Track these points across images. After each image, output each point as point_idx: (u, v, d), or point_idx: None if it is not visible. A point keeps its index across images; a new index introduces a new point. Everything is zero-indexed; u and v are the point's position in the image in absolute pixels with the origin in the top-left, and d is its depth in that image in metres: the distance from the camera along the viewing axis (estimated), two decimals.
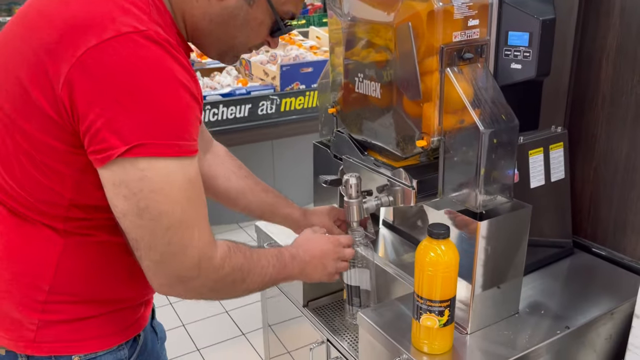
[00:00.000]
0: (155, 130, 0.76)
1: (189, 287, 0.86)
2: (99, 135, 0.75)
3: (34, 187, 0.85)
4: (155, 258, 0.82)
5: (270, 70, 2.86)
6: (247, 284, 0.95)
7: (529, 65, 1.01)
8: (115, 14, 0.76)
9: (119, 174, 0.77)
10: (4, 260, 0.90)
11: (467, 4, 0.99)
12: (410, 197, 1.15)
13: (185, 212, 0.81)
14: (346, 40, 1.20)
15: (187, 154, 0.79)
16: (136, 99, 0.74)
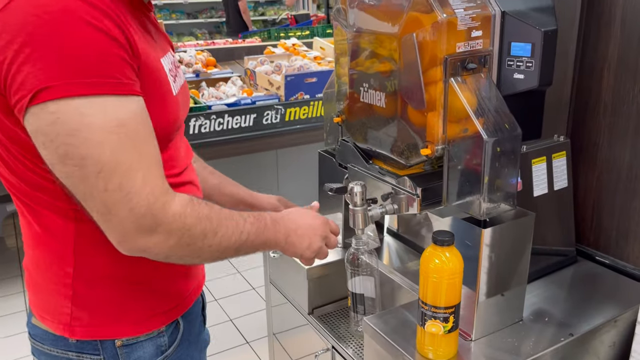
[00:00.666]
0: (59, 71, 0.73)
1: (153, 241, 0.80)
2: (11, 86, 0.74)
3: (26, 176, 0.86)
4: (99, 209, 0.77)
5: (275, 81, 2.89)
6: (220, 238, 0.88)
7: (532, 75, 1.03)
8: None
9: (34, 122, 0.75)
10: (36, 249, 0.94)
11: (470, 16, 1.01)
12: (414, 205, 1.16)
13: (116, 154, 0.76)
14: (351, 51, 1.22)
15: (105, 91, 0.75)
16: (35, 44, 0.72)
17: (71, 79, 0.73)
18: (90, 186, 0.76)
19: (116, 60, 0.77)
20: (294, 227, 1.04)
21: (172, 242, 0.82)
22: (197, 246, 0.86)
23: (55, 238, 0.91)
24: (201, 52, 3.56)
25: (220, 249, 0.89)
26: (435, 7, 0.98)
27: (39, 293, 0.97)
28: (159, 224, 0.80)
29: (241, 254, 0.95)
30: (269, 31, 4.64)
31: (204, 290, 1.16)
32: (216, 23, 8.47)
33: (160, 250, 0.82)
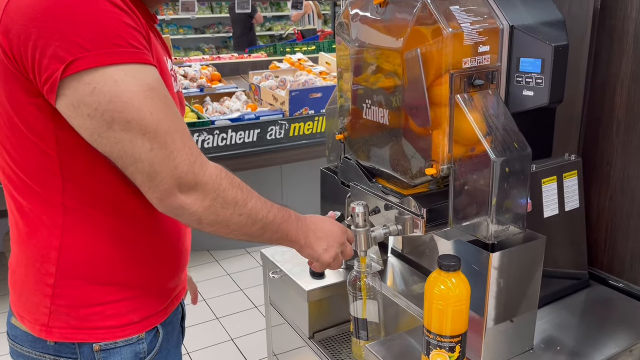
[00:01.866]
0: (87, 42, 0.76)
1: (191, 198, 0.84)
2: (40, 65, 0.77)
3: (27, 158, 0.87)
4: (145, 169, 0.81)
5: (280, 96, 2.86)
6: (250, 209, 0.91)
7: (542, 93, 0.98)
8: None
9: (72, 95, 0.78)
10: (21, 246, 0.95)
11: (477, 30, 0.97)
12: (419, 227, 1.11)
13: (155, 116, 0.80)
14: (354, 66, 1.19)
15: (132, 60, 0.79)
16: (57, 19, 0.76)
17: (99, 49, 0.76)
18: (138, 148, 0.80)
19: (136, 33, 0.81)
20: (314, 228, 1.05)
21: (208, 202, 0.86)
22: (229, 212, 0.89)
23: (41, 236, 0.91)
24: (206, 67, 3.56)
25: (249, 221, 0.92)
26: (440, 21, 0.94)
27: (20, 292, 0.96)
28: (198, 182, 0.84)
29: (265, 237, 0.97)
30: (275, 46, 4.64)
31: (206, 308, 1.14)
32: (223, 38, 8.52)
33: (197, 209, 0.85)
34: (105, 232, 0.92)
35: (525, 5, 1.03)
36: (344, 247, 1.09)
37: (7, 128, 0.86)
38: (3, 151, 0.89)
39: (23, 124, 0.85)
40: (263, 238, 0.97)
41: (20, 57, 0.79)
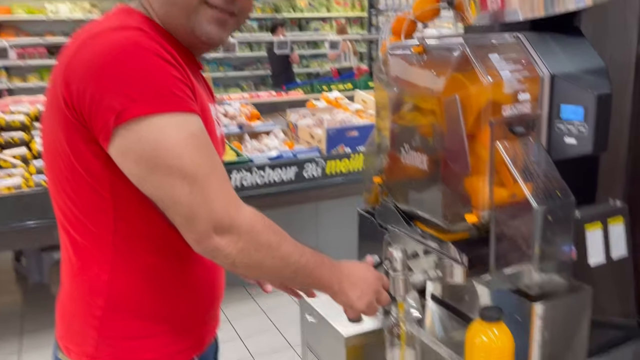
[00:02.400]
0: (136, 93, 0.83)
1: (225, 240, 0.87)
2: (96, 116, 0.85)
3: (84, 198, 0.94)
4: (184, 211, 0.87)
5: (317, 134, 2.91)
6: (283, 252, 0.94)
7: (585, 141, 0.97)
8: (100, 27, 0.91)
9: (121, 143, 0.85)
10: (73, 279, 1.01)
11: (517, 78, 0.97)
12: (459, 274, 1.10)
13: (195, 162, 0.86)
14: (392, 110, 1.20)
15: (175, 108, 0.85)
16: (112, 72, 0.84)
17: (145, 100, 0.84)
18: (177, 191, 0.86)
19: (180, 84, 0.88)
20: (347, 273, 1.06)
21: (241, 245, 0.89)
22: (262, 255, 0.92)
23: (92, 271, 0.97)
24: (245, 105, 3.65)
25: (281, 264, 0.94)
26: (479, 70, 0.95)
27: (68, 324, 1.01)
28: (233, 225, 0.88)
29: (297, 281, 1.00)
30: (312, 84, 4.73)
31: (242, 346, 1.18)
32: (262, 75, 8.74)
33: (231, 251, 0.89)
34: (148, 269, 0.98)
35: (565, 53, 1.03)
36: (379, 294, 1.09)
37: (67, 171, 0.93)
38: (62, 191, 0.96)
39: (82, 168, 0.92)
40: (295, 282, 1.00)
41: (80, 108, 0.86)
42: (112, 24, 0.90)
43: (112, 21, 0.92)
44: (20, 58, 6.67)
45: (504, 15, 1.10)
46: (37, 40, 7.10)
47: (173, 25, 0.99)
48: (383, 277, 1.11)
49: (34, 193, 2.30)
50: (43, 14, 7.24)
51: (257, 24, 8.60)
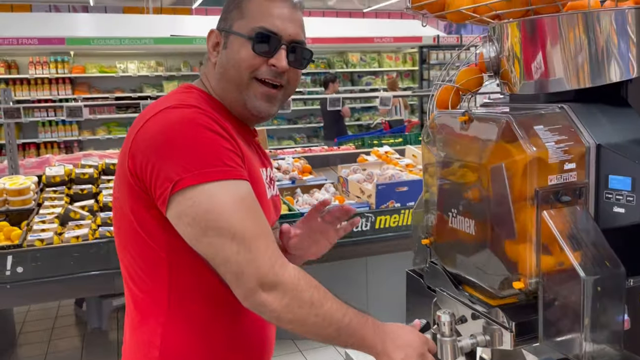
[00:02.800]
0: (190, 165, 0.94)
1: (271, 297, 0.94)
2: (156, 185, 0.96)
3: (144, 257, 1.03)
4: (233, 269, 0.94)
5: (366, 189, 2.96)
6: (326, 311, 0.98)
7: (634, 210, 0.97)
8: (163, 105, 1.02)
9: (177, 208, 0.95)
10: (133, 332, 1.10)
11: (562, 149, 0.99)
12: (508, 340, 1.09)
13: (243, 223, 0.94)
14: (440, 176, 1.24)
15: (225, 177, 0.95)
16: (170, 146, 0.96)
17: (198, 170, 0.94)
18: (227, 251, 0.94)
19: (230, 153, 0.98)
20: (392, 336, 1.07)
21: (286, 301, 0.95)
22: (305, 312, 0.97)
23: (148, 323, 1.04)
24: (298, 160, 3.76)
25: (324, 323, 0.98)
26: (524, 142, 0.98)
27: None
28: (278, 282, 0.95)
29: (341, 340, 1.02)
30: (362, 139, 4.82)
31: None
32: (314, 128, 8.96)
33: (276, 306, 0.95)
34: (201, 323, 1.05)
35: (611, 123, 1.04)
36: (424, 357, 1.10)
37: (130, 231, 1.04)
38: (125, 249, 1.07)
39: (142, 229, 1.02)
40: (339, 340, 1.01)
41: (142, 177, 0.97)
42: (172, 103, 1.02)
43: (173, 100, 1.04)
44: (91, 113, 7.16)
45: (549, 85, 1.14)
46: (107, 96, 7.64)
47: (228, 100, 1.11)
48: (429, 340, 1.12)
49: (99, 243, 2.44)
50: (113, 72, 7.80)
51: (310, 78, 8.90)
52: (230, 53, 1.09)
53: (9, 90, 3.39)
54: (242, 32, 1.08)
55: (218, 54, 1.12)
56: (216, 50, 1.13)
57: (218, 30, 1.14)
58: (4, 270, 2.28)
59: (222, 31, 1.13)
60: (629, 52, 1.04)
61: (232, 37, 1.09)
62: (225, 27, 1.12)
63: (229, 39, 1.10)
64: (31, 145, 7.43)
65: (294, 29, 1.10)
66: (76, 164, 3.34)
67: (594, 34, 1.06)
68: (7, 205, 2.83)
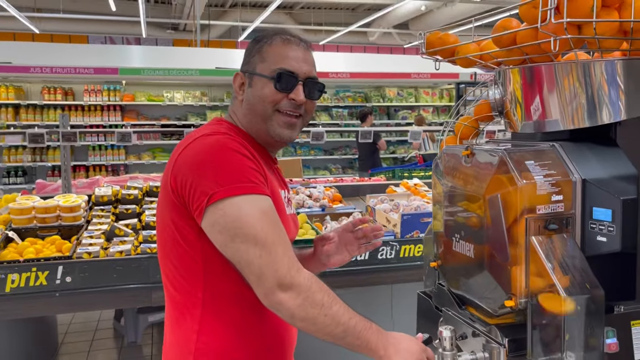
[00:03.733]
0: (222, 181, 1.11)
1: (287, 296, 1.08)
2: (193, 199, 1.13)
3: (182, 262, 1.20)
4: (255, 271, 1.09)
5: (392, 218, 3.07)
6: (335, 312, 1.11)
7: (614, 239, 1.08)
8: (199, 133, 1.22)
9: (210, 218, 1.11)
10: (172, 331, 1.26)
11: (550, 182, 1.11)
12: (502, 356, 1.19)
13: (265, 232, 1.10)
14: (446, 203, 1.37)
15: (251, 191, 1.12)
16: (205, 166, 1.13)
17: (228, 185, 1.11)
18: (250, 255, 1.10)
19: (255, 172, 1.16)
20: (394, 342, 1.20)
21: (300, 301, 1.09)
22: (316, 312, 1.10)
23: (185, 322, 1.20)
24: (329, 189, 3.91)
25: (333, 323, 1.12)
26: (515, 173, 1.11)
27: None
28: (293, 283, 1.09)
29: (347, 340, 1.15)
30: (394, 170, 4.94)
31: None
32: (350, 159, 9.13)
33: (290, 306, 1.09)
34: (230, 321, 1.20)
35: (598, 161, 1.16)
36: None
37: (171, 240, 1.21)
38: (166, 256, 1.24)
39: (181, 239, 1.19)
40: (345, 342, 1.14)
41: (182, 193, 1.15)
42: (206, 132, 1.22)
43: (207, 129, 1.24)
44: (138, 139, 7.56)
45: (545, 125, 1.26)
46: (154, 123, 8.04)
47: (254, 130, 1.30)
48: (428, 349, 1.23)
49: (140, 259, 2.64)
50: (161, 101, 8.23)
51: (347, 111, 9.12)
52: (255, 91, 1.28)
53: (66, 115, 3.69)
54: (264, 74, 1.27)
55: (244, 93, 1.31)
56: (242, 89, 1.32)
57: (242, 73, 1.33)
58: (54, 279, 2.49)
59: (246, 72, 1.32)
60: (618, 98, 1.16)
61: (256, 78, 1.29)
62: (249, 69, 1.31)
63: (253, 79, 1.29)
64: (81, 167, 7.88)
65: (307, 67, 1.30)
66: (123, 185, 3.59)
67: (586, 81, 1.18)
68: (59, 221, 3.07)
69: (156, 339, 4.12)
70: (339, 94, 9.18)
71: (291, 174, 4.84)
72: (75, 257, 2.59)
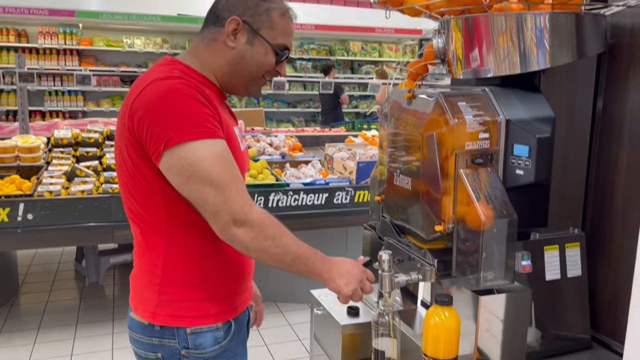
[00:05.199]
0: (177, 127, 1.16)
1: (240, 231, 1.18)
2: (150, 142, 1.18)
3: (144, 198, 1.28)
4: (211, 209, 1.17)
5: (349, 166, 3.22)
6: (284, 243, 1.22)
7: (529, 172, 1.23)
8: (153, 76, 1.23)
9: (167, 162, 1.18)
10: (140, 258, 1.35)
11: (478, 121, 1.25)
12: (431, 274, 1.36)
13: (219, 173, 1.16)
14: (390, 143, 1.50)
15: (205, 136, 1.16)
16: (160, 112, 1.17)
17: (184, 131, 1.16)
18: (206, 194, 1.17)
19: (209, 117, 1.20)
20: (336, 266, 1.34)
21: (253, 234, 1.19)
22: (268, 243, 1.21)
23: (152, 251, 1.30)
24: (290, 138, 4.01)
25: (283, 252, 1.23)
26: (448, 113, 1.24)
27: (137, 290, 1.35)
28: (247, 219, 1.18)
29: (295, 267, 1.27)
30: (354, 123, 5.06)
31: (267, 353, 1.48)
32: (313, 113, 9.19)
33: (244, 239, 1.19)
34: (192, 250, 1.30)
35: (522, 104, 1.30)
36: (362, 283, 1.35)
37: (131, 178, 1.29)
38: (128, 193, 1.32)
39: (141, 177, 1.27)
40: (294, 268, 1.27)
41: (139, 135, 1.21)
42: (161, 75, 1.23)
43: (161, 72, 1.25)
44: (97, 84, 7.39)
45: (479, 72, 1.39)
46: (113, 69, 7.85)
47: (226, 80, 1.36)
48: (367, 271, 1.38)
49: (102, 198, 2.70)
50: (120, 47, 8.01)
51: (311, 64, 9.12)
52: (256, 54, 1.32)
53: (23, 56, 3.62)
54: (271, 42, 1.32)
55: (236, 41, 1.30)
56: (234, 36, 1.30)
57: (242, 21, 1.30)
58: (15, 216, 2.54)
59: (247, 25, 1.30)
60: (544, 48, 1.29)
61: (259, 40, 1.31)
62: (254, 26, 1.30)
63: (256, 40, 1.31)
64: (37, 113, 7.68)
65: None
66: (82, 128, 3.60)
67: (518, 32, 1.31)
68: (18, 162, 3.08)
69: (118, 279, 4.22)
70: (303, 46, 9.13)
71: (253, 124, 4.90)
72: (37, 195, 2.63)
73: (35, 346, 3.21)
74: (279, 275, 3.59)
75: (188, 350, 1.30)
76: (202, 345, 1.31)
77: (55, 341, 3.28)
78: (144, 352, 1.34)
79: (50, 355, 3.11)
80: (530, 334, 1.34)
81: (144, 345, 1.34)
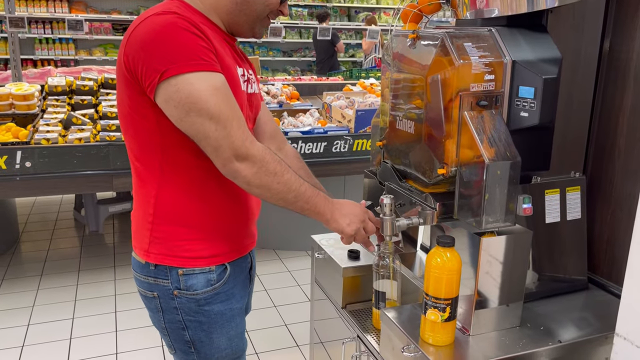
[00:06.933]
0: (173, 59, 1.13)
1: (242, 166, 1.17)
2: (145, 76, 1.16)
3: (140, 135, 1.27)
4: (212, 143, 1.16)
5: (347, 114, 3.19)
6: (287, 180, 1.22)
7: (534, 114, 1.22)
8: (150, 13, 1.21)
9: (164, 94, 1.15)
10: (136, 196, 1.35)
11: (484, 62, 1.23)
12: (432, 217, 1.37)
13: (218, 107, 1.14)
14: (392, 87, 1.48)
15: (202, 68, 1.14)
16: (156, 45, 1.15)
17: (180, 62, 1.13)
18: (206, 128, 1.15)
19: (205, 50, 1.17)
20: (339, 207, 1.34)
21: (255, 170, 1.18)
22: (270, 179, 1.20)
23: (146, 188, 1.30)
24: (287, 86, 3.96)
25: (285, 189, 1.22)
26: (453, 54, 1.22)
27: (135, 229, 1.36)
28: (248, 154, 1.17)
29: (298, 205, 1.26)
30: (351, 71, 4.98)
31: (266, 296, 1.48)
32: (308, 62, 9.04)
33: (246, 174, 1.18)
34: (187, 188, 1.29)
35: (528, 44, 1.28)
36: (365, 223, 1.37)
37: (129, 117, 1.27)
38: (127, 130, 1.31)
39: (136, 114, 1.25)
40: (297, 206, 1.27)
41: (134, 70, 1.19)
42: (157, 11, 1.22)
43: (158, 9, 1.24)
44: (88, 33, 7.21)
45: (485, 12, 1.36)
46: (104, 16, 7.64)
47: (232, 20, 1.33)
48: (369, 211, 1.40)
49: (99, 145, 2.69)
50: None
51: (307, 11, 8.89)
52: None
53: (12, 1, 3.51)
54: None
55: None
56: None
57: None
58: (13, 164, 2.53)
59: None
60: None
61: None
62: None
63: None
64: (28, 61, 7.52)
65: None
66: (76, 76, 3.53)
67: None
68: (13, 109, 3.04)
69: (117, 228, 4.26)
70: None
71: None
72: (34, 142, 2.61)
73: (38, 292, 3.27)
74: (278, 223, 3.62)
75: (180, 290, 1.32)
76: (193, 287, 1.32)
77: (58, 287, 3.34)
78: (143, 290, 1.37)
79: (54, 300, 3.18)
80: (527, 276, 1.37)
81: (142, 284, 1.36)
